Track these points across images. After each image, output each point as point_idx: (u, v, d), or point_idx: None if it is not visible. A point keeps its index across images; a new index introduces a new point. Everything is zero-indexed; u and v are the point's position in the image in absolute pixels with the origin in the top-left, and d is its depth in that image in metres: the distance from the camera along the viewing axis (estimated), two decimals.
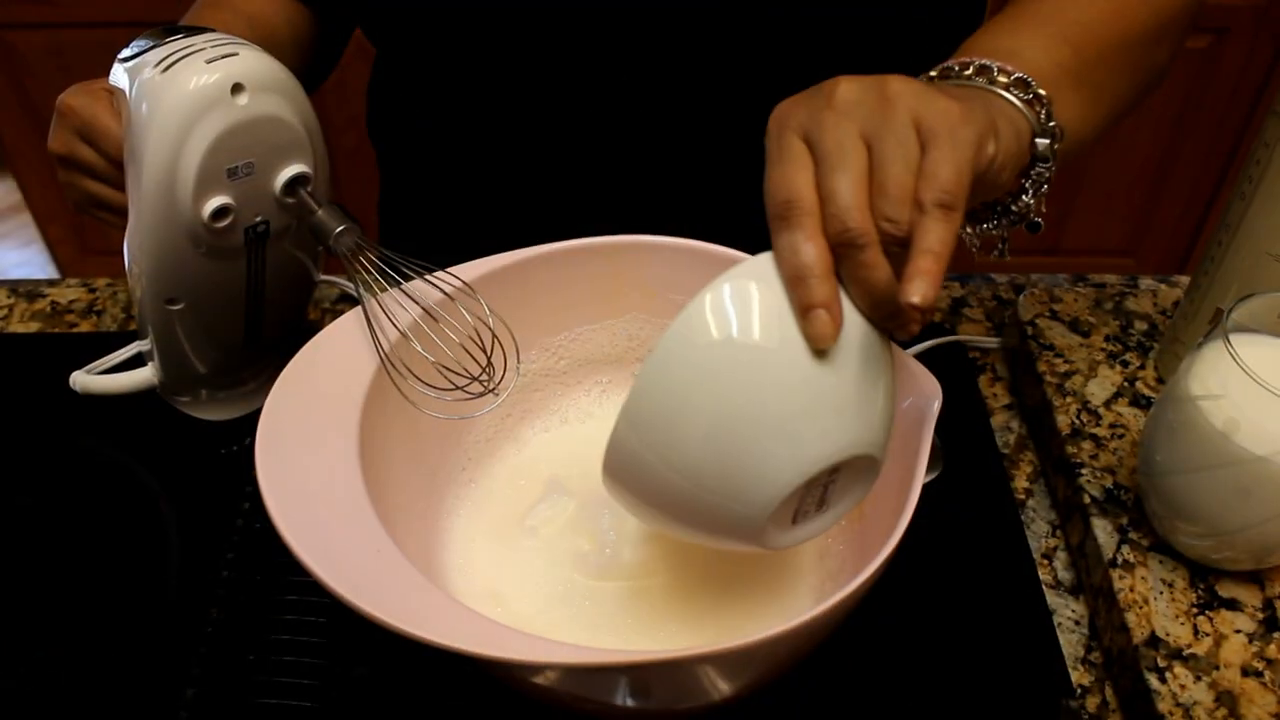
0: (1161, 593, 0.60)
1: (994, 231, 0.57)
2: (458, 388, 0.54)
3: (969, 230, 0.57)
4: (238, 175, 0.56)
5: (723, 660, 0.48)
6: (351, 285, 0.79)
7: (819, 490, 0.47)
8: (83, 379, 0.71)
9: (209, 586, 0.64)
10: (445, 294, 0.55)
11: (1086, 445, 0.69)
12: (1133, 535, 0.63)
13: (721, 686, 0.52)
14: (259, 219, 0.59)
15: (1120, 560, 0.62)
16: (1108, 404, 0.72)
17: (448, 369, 0.53)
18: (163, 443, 0.73)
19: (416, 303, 0.55)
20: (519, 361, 0.55)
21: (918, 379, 0.57)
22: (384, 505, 0.52)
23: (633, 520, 0.62)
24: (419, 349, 0.54)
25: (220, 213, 0.57)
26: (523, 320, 0.60)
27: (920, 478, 0.51)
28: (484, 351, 0.53)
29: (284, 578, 0.64)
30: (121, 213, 0.63)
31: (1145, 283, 0.84)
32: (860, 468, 0.47)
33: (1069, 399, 0.72)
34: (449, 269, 0.55)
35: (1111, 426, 0.70)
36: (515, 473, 0.65)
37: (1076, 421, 0.70)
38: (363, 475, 0.51)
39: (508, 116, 0.80)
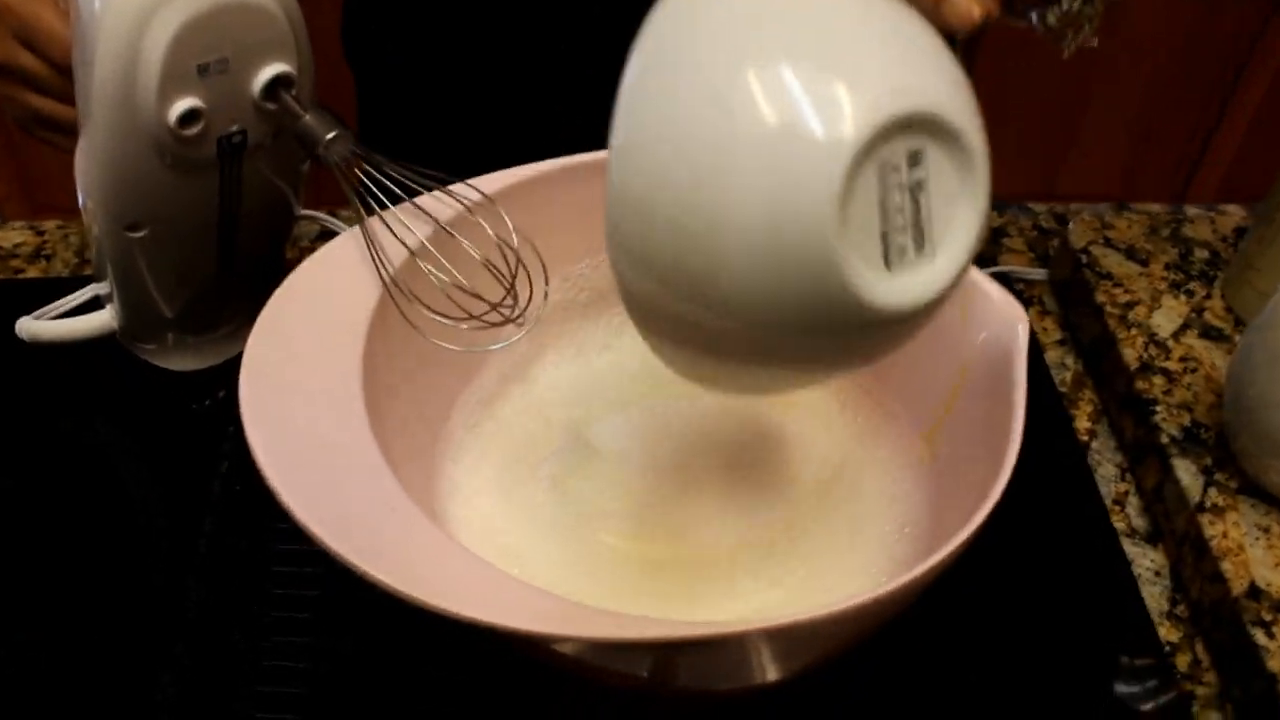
0: (1257, 539, 0.54)
1: (1075, 5, 0.49)
2: (474, 316, 0.46)
3: (1043, 15, 0.50)
4: (209, 73, 0.48)
5: (794, 634, 0.41)
6: (335, 220, 0.72)
7: (904, 198, 0.37)
8: (31, 326, 0.62)
9: (186, 560, 0.56)
10: (459, 210, 0.47)
11: (1158, 381, 0.62)
12: (1219, 477, 0.57)
13: (776, 665, 0.45)
14: (234, 128, 0.51)
15: (1209, 504, 0.56)
16: (1176, 336, 0.65)
17: (468, 293, 0.46)
18: (124, 398, 0.65)
19: (427, 220, 0.47)
20: (547, 284, 0.47)
21: (994, 304, 0.50)
22: (388, 455, 0.44)
23: (669, 473, 0.55)
24: (431, 272, 0.46)
25: (189, 117, 0.48)
26: (541, 245, 0.52)
27: (1019, 422, 0.44)
28: (508, 273, 0.45)
29: (272, 546, 0.56)
30: (70, 130, 0.54)
31: (1192, 210, 0.77)
32: (944, 154, 0.37)
33: (1134, 331, 0.65)
34: (465, 181, 0.47)
35: (1182, 360, 0.64)
36: (528, 415, 0.57)
37: (1145, 355, 0.64)
38: (369, 420, 0.43)
39: (482, 42, 0.73)
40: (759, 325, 0.38)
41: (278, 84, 0.50)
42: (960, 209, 0.38)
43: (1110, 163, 1.87)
